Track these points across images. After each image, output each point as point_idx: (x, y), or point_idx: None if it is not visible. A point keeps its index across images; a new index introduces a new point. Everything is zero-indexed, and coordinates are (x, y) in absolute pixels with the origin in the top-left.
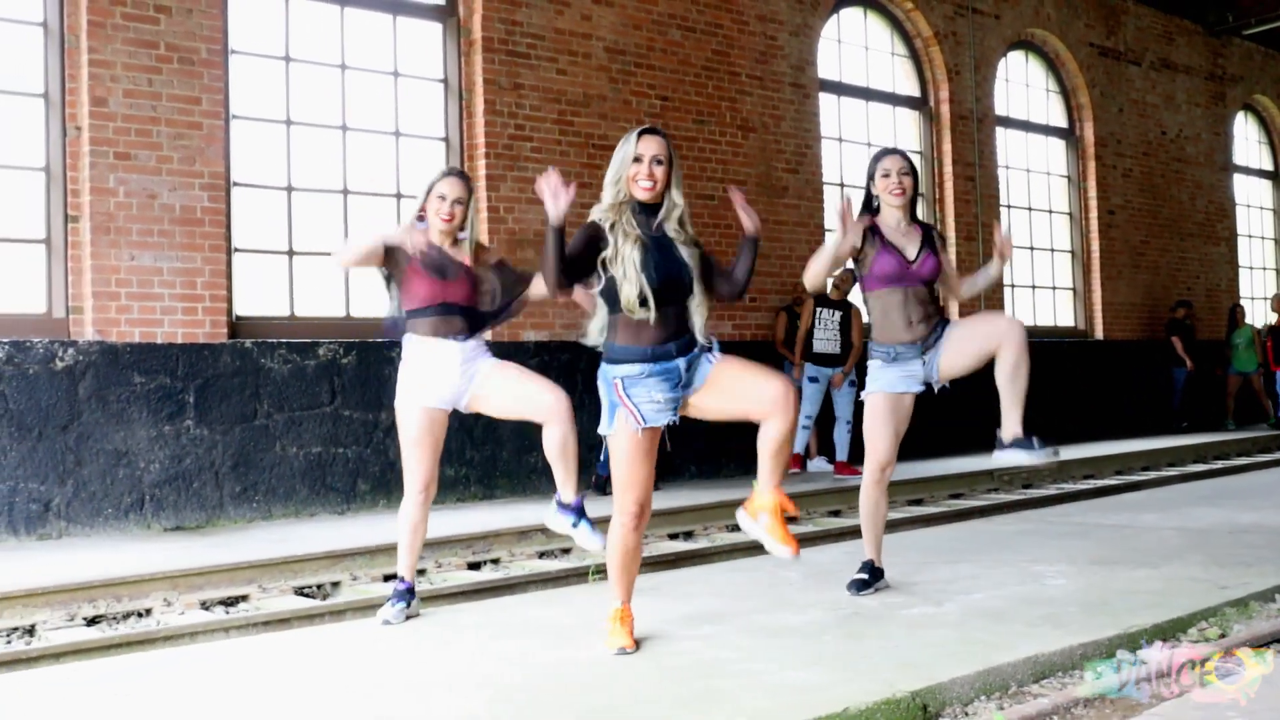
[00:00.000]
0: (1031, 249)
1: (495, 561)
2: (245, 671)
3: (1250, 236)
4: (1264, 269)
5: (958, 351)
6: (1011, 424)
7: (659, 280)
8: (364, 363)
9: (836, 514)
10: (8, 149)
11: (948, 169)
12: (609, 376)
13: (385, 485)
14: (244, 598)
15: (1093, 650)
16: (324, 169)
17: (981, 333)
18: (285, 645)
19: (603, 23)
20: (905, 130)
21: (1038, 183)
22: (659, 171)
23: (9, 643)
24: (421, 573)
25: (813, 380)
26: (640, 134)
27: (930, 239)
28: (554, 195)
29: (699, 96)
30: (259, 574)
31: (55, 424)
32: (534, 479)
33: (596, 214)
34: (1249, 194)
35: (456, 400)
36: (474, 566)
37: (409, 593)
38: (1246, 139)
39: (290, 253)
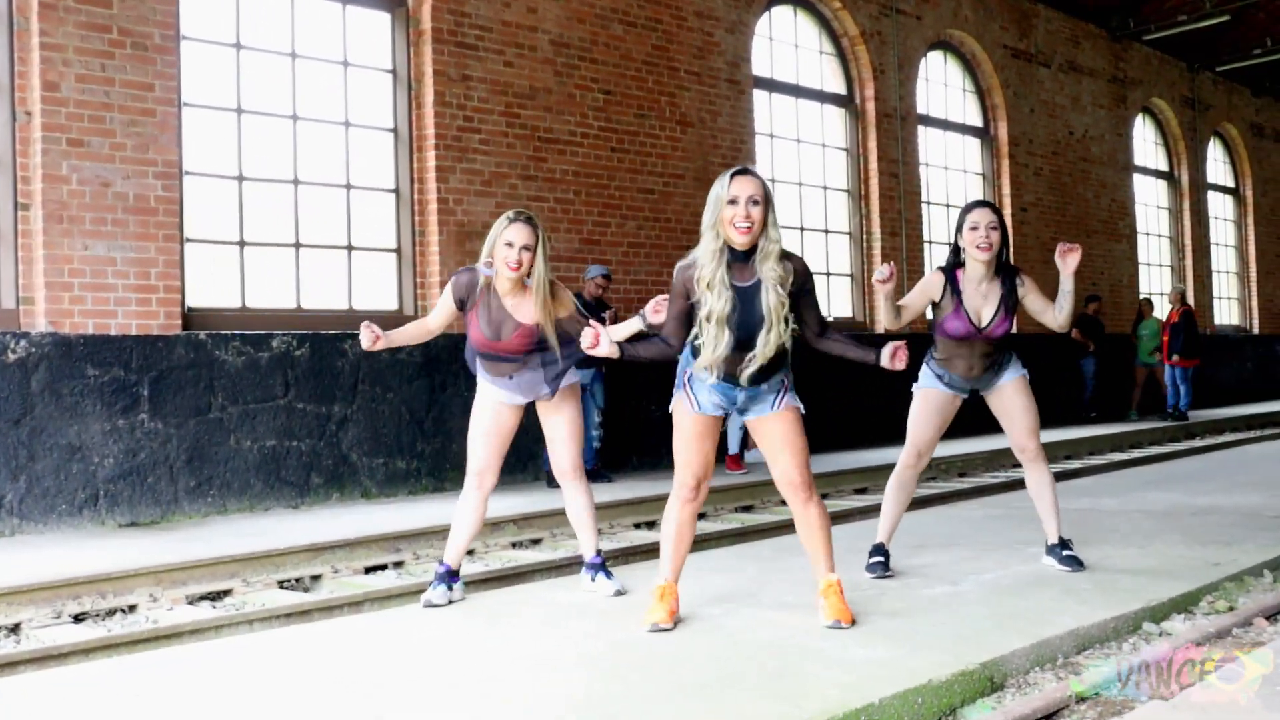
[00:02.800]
0: (949, 244)
1: (470, 553)
2: (302, 664)
3: (1148, 234)
4: (1161, 265)
5: (996, 408)
6: (1048, 532)
7: (736, 338)
8: (317, 355)
9: (825, 496)
10: None
11: (873, 166)
12: (684, 364)
13: (339, 479)
14: (228, 592)
15: (1123, 623)
16: (274, 158)
17: (1009, 430)
18: (348, 631)
19: (548, 15)
20: (833, 127)
21: (955, 180)
22: (755, 213)
23: None
24: (400, 565)
25: None
26: (734, 175)
27: (1010, 296)
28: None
29: (640, 91)
30: (241, 568)
31: (7, 418)
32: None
33: (697, 257)
34: (1146, 193)
35: (529, 398)
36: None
37: (450, 576)
38: (1145, 140)
39: (241, 243)
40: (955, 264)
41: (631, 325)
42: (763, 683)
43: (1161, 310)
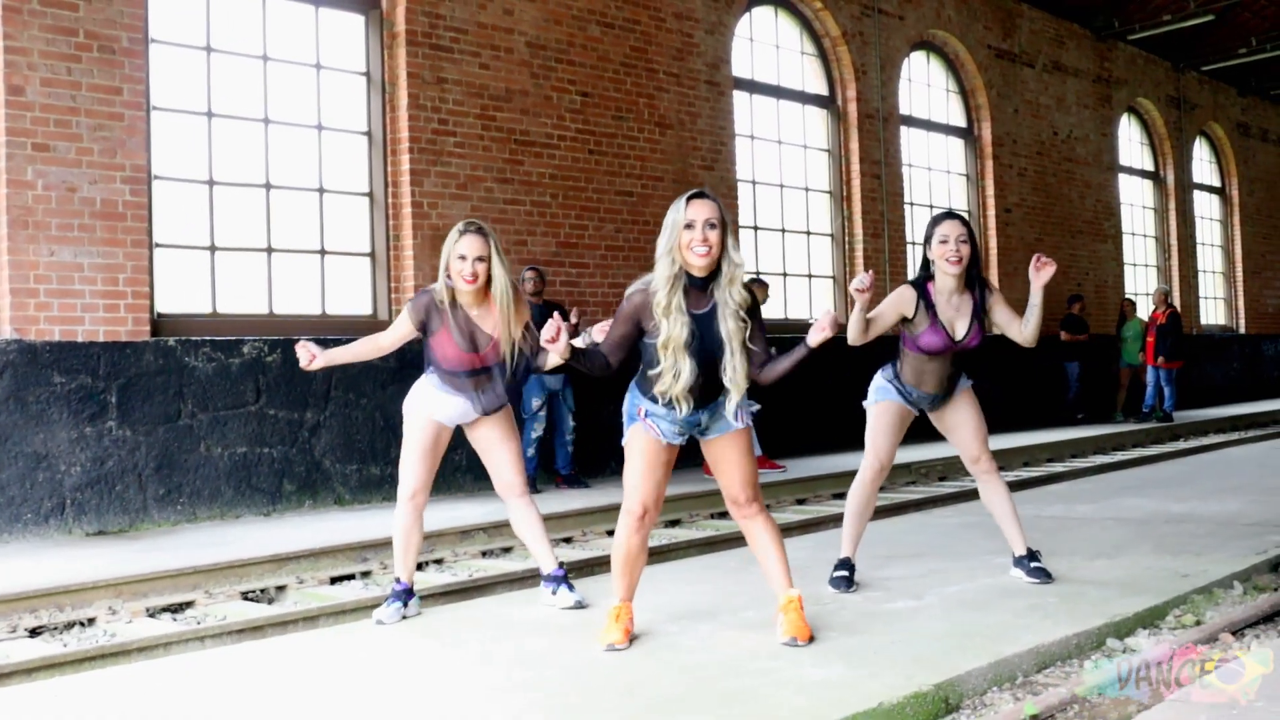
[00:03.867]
0: None
1: (439, 562)
2: (238, 680)
3: (1134, 234)
4: (1146, 266)
5: (943, 417)
6: (1012, 544)
7: (697, 367)
8: (289, 361)
9: (803, 502)
10: None
11: (855, 167)
12: (635, 400)
13: (311, 486)
14: (189, 604)
15: (1085, 640)
16: (246, 162)
17: (958, 441)
18: (316, 642)
19: (524, 17)
20: (814, 128)
21: (939, 181)
22: (713, 236)
23: None
24: (367, 574)
25: None
26: (690, 199)
27: (980, 309)
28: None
29: (618, 92)
30: (203, 579)
31: None
32: (458, 477)
33: (653, 284)
34: (1132, 193)
35: (463, 420)
36: (418, 568)
37: (405, 593)
38: (1130, 140)
39: (212, 248)
40: (925, 278)
41: (579, 342)
42: (715, 705)
43: (1144, 311)
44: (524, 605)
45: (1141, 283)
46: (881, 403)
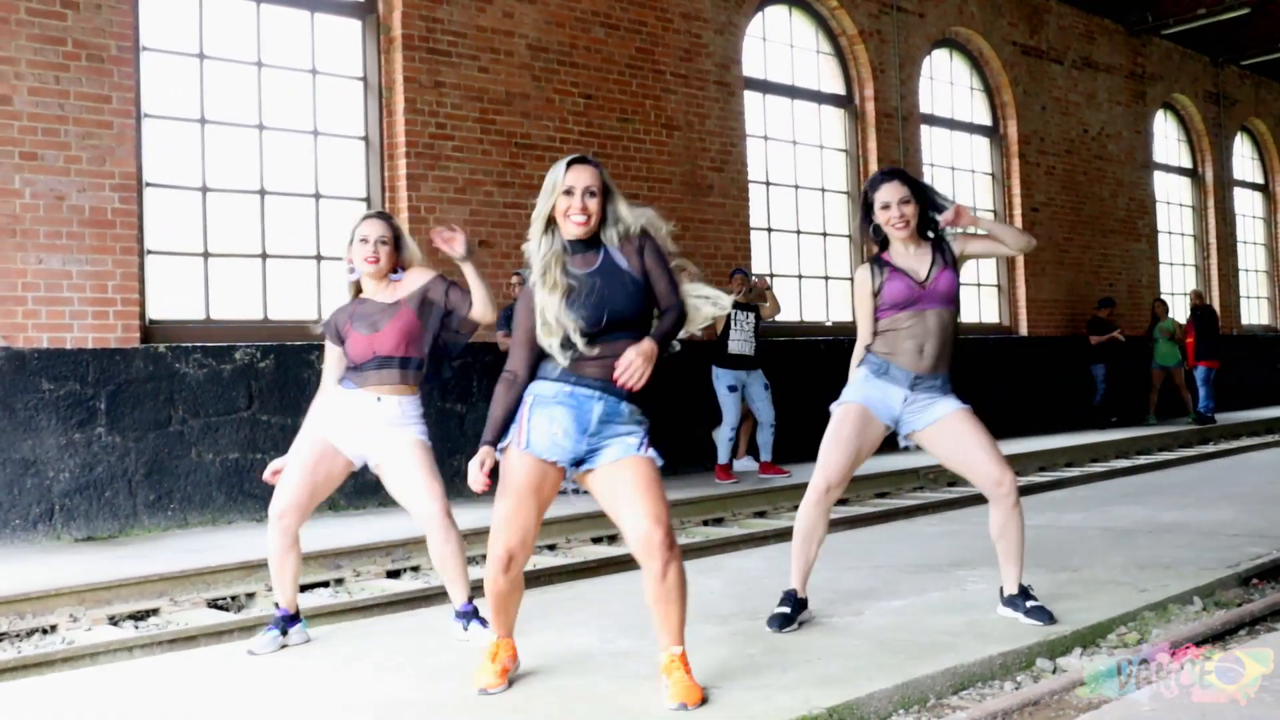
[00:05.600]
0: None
1: (415, 569)
2: (147, 694)
3: (1170, 233)
4: (1184, 265)
5: (945, 446)
6: (1005, 580)
7: (589, 324)
8: (282, 366)
9: (762, 514)
10: None
11: (873, 167)
12: (525, 393)
13: None
14: (154, 611)
15: (1012, 659)
16: (240, 169)
17: (972, 466)
18: (195, 664)
19: (525, 20)
20: (830, 128)
21: (963, 180)
22: (592, 204)
23: None
24: (340, 582)
25: (732, 389)
26: (569, 164)
27: (945, 253)
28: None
29: (623, 95)
30: (170, 586)
31: None
32: (457, 483)
33: (529, 251)
34: (1169, 191)
35: (363, 458)
36: (394, 575)
37: (284, 620)
38: (1166, 137)
39: (205, 254)
40: (881, 250)
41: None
42: None
43: (1177, 311)
44: (411, 634)
45: (1179, 282)
46: (842, 405)
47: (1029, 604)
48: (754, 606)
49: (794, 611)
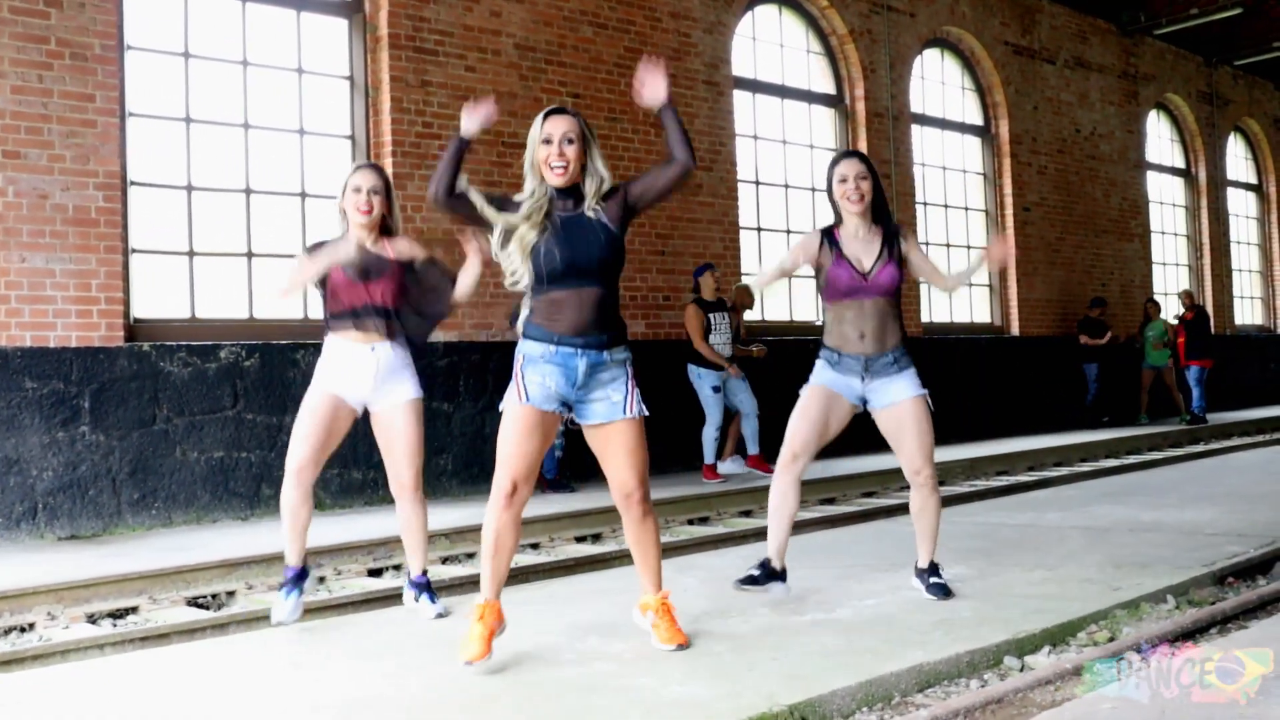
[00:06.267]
0: (948, 246)
1: (397, 568)
2: (119, 691)
3: (1163, 233)
4: (1176, 265)
5: (888, 428)
6: (920, 556)
7: (562, 262)
8: (267, 365)
9: (748, 514)
10: None
11: None
12: (517, 353)
13: None
14: (133, 609)
15: (980, 657)
16: (225, 168)
17: (901, 451)
18: (164, 662)
19: (512, 19)
20: (821, 128)
21: (954, 180)
22: (570, 151)
23: None
24: (321, 580)
25: (716, 390)
26: (547, 114)
27: (892, 244)
28: (470, 111)
29: (611, 94)
30: (150, 585)
31: None
32: (443, 481)
33: (519, 198)
34: (1162, 191)
35: (363, 403)
36: (375, 573)
37: (297, 578)
38: (1159, 137)
39: (191, 253)
40: (835, 224)
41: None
42: None
43: (1169, 311)
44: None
45: (1172, 282)
46: (809, 388)
47: (933, 580)
48: (725, 605)
49: (762, 576)
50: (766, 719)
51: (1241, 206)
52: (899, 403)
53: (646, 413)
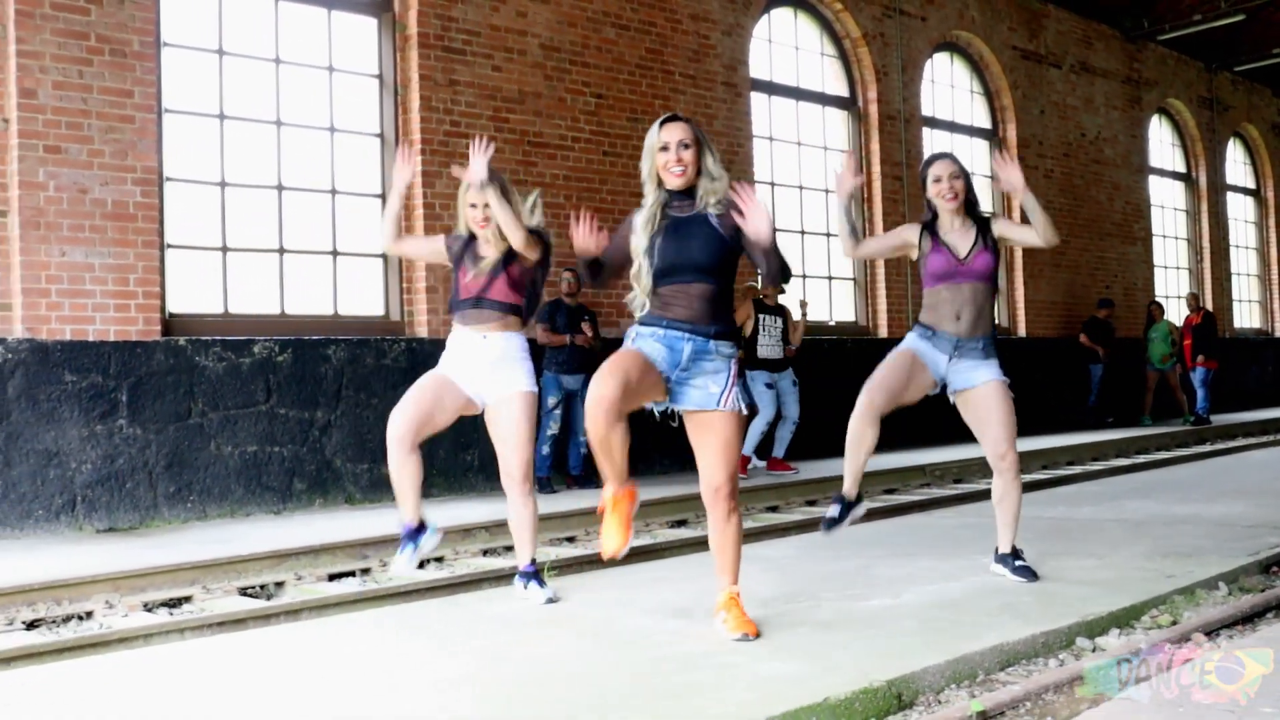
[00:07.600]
0: None
1: (440, 560)
2: (204, 673)
3: (1165, 237)
4: (1178, 268)
5: (971, 411)
6: (1001, 541)
7: (670, 258)
8: (300, 360)
9: (774, 509)
10: None
11: (876, 169)
12: (626, 338)
13: (321, 484)
14: (187, 599)
15: (1054, 638)
16: (258, 164)
17: (985, 436)
18: (246, 645)
19: (538, 19)
20: (834, 130)
21: None
22: (687, 155)
23: None
24: (366, 572)
25: (769, 386)
26: (662, 123)
27: (986, 234)
28: (580, 236)
29: (633, 95)
30: (202, 575)
31: None
32: (470, 477)
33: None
34: (1163, 195)
35: (480, 397)
36: (419, 565)
37: (412, 534)
38: (1161, 142)
39: (224, 249)
40: (932, 218)
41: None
42: (658, 701)
43: (1172, 313)
44: (500, 601)
45: (1173, 285)
46: (900, 349)
47: (1017, 563)
48: (790, 591)
49: (841, 514)
50: (868, 693)
51: (1240, 211)
52: (980, 385)
53: (745, 411)
